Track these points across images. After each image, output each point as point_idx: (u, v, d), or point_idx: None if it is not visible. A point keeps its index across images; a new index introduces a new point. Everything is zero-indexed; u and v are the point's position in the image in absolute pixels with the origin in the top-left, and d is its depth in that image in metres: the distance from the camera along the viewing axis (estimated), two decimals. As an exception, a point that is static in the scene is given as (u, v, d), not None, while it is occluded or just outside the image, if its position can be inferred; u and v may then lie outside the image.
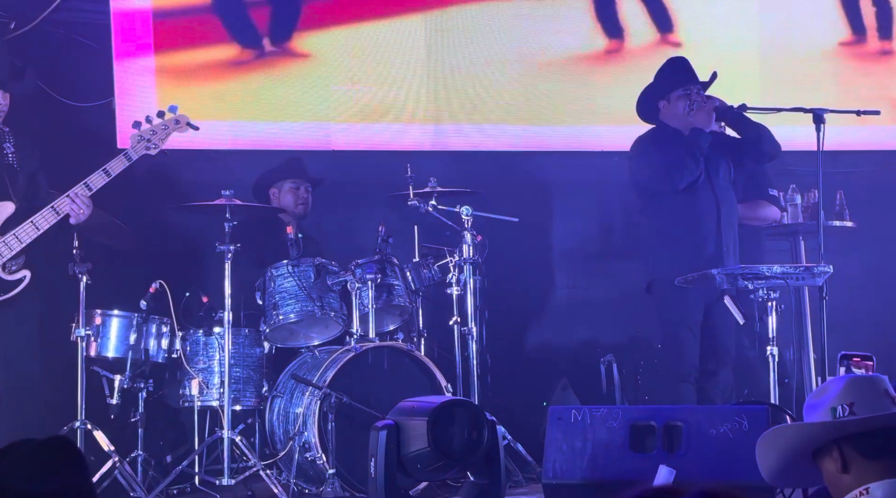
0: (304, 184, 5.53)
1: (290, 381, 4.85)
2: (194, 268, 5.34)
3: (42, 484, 1.46)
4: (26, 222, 4.47)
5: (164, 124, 4.70)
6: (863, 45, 6.52)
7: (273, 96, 5.91)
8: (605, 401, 5.59)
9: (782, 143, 5.22)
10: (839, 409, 1.86)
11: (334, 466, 4.49)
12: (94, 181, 4.52)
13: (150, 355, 4.80)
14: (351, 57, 5.99)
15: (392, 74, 6.04)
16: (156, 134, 4.66)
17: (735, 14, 6.38)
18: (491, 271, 5.31)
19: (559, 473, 4.05)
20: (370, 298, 4.84)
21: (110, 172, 4.54)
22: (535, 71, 6.20)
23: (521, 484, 4.87)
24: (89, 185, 4.51)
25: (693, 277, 4.72)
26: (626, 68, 6.18)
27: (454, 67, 6.11)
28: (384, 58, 6.04)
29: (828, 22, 6.44)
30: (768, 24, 6.44)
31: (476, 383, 4.99)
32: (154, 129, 4.68)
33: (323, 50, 5.97)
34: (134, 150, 4.61)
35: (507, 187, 5.88)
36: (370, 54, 6.02)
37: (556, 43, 6.22)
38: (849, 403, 1.88)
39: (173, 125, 4.72)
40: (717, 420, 3.98)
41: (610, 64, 6.27)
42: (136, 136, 4.65)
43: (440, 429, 3.39)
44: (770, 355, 4.56)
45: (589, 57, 6.27)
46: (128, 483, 4.53)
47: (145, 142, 4.63)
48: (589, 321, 6.09)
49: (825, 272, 4.60)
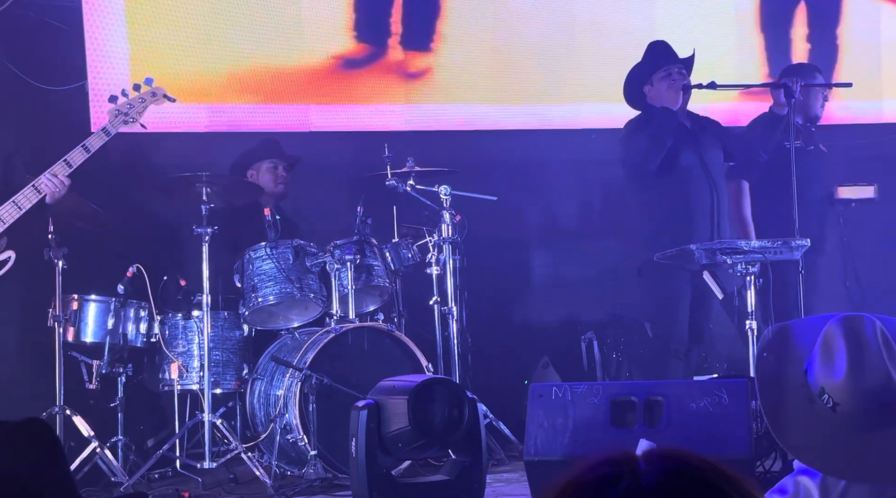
0: (281, 163, 5.50)
1: (270, 363, 4.84)
2: (171, 251, 5.30)
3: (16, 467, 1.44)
4: (7, 203, 4.44)
5: (140, 97, 4.67)
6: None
7: (249, 77, 5.86)
8: (587, 378, 5.60)
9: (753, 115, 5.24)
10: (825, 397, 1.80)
11: (316, 447, 4.49)
12: (73, 158, 4.49)
13: (129, 340, 4.77)
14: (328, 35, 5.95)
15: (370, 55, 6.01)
16: (133, 107, 4.62)
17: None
18: (470, 251, 5.31)
19: (540, 449, 4.05)
20: (349, 278, 4.83)
21: (90, 148, 4.50)
22: (511, 50, 6.18)
23: (504, 462, 4.88)
24: (69, 162, 4.48)
25: (672, 252, 4.73)
26: (604, 45, 6.17)
27: (431, 47, 6.08)
28: (361, 38, 6.01)
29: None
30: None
31: (457, 363, 4.99)
32: (131, 102, 4.64)
33: (300, 29, 5.92)
34: (112, 124, 4.58)
35: (485, 166, 5.87)
36: (346, 33, 5.98)
37: (533, 20, 6.20)
38: (836, 402, 1.80)
39: (150, 98, 4.68)
40: (697, 394, 3.99)
41: (587, 41, 6.25)
42: (114, 110, 4.62)
43: (421, 407, 3.39)
44: (749, 329, 4.58)
45: (566, 34, 6.25)
46: (108, 468, 4.51)
47: (123, 116, 4.60)
48: (569, 299, 6.10)
49: (802, 246, 4.62)
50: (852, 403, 1.78)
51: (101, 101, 4.91)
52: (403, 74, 6.08)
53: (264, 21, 5.85)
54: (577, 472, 0.94)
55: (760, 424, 4.11)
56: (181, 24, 5.70)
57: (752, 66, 6.21)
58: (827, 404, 1.79)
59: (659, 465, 0.94)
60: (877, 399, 1.78)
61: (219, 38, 5.81)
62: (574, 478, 0.94)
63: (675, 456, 0.95)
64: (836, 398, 1.78)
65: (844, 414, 1.78)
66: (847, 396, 1.78)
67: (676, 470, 0.94)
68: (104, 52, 5.56)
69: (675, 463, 0.94)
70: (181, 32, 5.69)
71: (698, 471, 0.93)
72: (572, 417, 4.06)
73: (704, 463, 0.95)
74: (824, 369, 1.80)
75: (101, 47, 5.56)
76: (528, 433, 4.10)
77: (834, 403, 1.79)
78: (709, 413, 3.93)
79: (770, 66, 6.22)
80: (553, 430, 4.06)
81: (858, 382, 1.77)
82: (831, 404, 1.79)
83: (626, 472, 0.94)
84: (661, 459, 0.95)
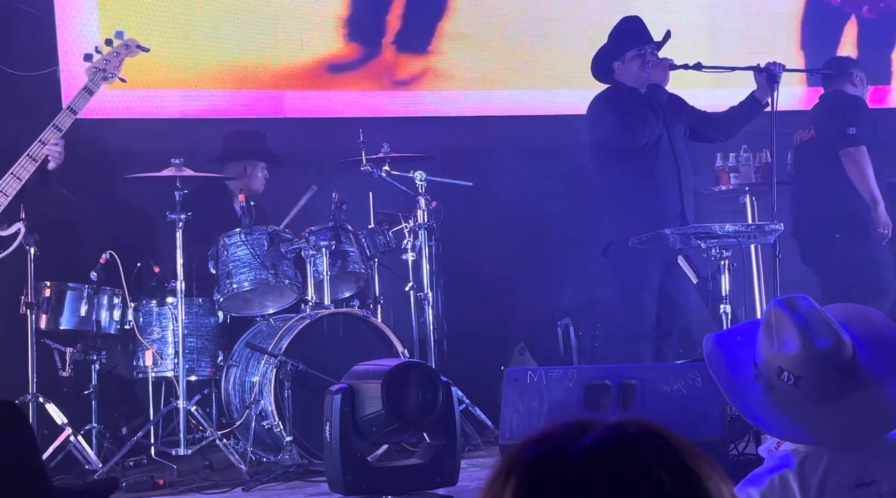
0: (264, 165, 5.53)
1: (245, 349, 4.82)
2: (145, 238, 5.27)
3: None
4: (6, 175, 4.40)
5: (115, 51, 4.64)
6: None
7: (223, 63, 5.83)
8: (563, 364, 5.61)
9: (731, 103, 5.25)
10: (785, 375, 1.81)
11: (291, 433, 4.48)
12: (62, 122, 4.46)
13: (103, 327, 4.75)
14: (302, 22, 5.92)
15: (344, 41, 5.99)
16: (110, 62, 4.59)
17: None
18: (446, 236, 5.30)
19: (515, 433, 4.06)
20: (325, 265, 4.81)
21: (76, 110, 4.48)
22: (487, 36, 6.17)
23: (480, 447, 4.89)
24: (58, 126, 4.45)
25: (647, 237, 4.73)
26: (580, 32, 6.16)
27: (406, 33, 6.07)
28: (336, 24, 5.98)
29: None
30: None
31: (433, 349, 4.99)
32: (107, 57, 4.61)
33: (274, 15, 5.89)
34: (93, 82, 4.55)
35: (460, 152, 5.86)
36: (321, 20, 5.96)
37: (510, 7, 6.19)
38: (796, 376, 1.80)
39: (124, 51, 4.65)
40: (671, 377, 4.01)
41: (563, 27, 6.25)
42: (91, 68, 4.58)
43: (395, 391, 3.38)
44: (723, 314, 4.60)
45: (542, 20, 6.25)
46: (82, 456, 4.48)
47: (101, 72, 4.57)
48: (545, 285, 6.10)
49: (776, 230, 4.63)
50: (813, 370, 1.79)
51: (73, 88, 4.86)
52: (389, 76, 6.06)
53: (241, 6, 5.82)
54: (541, 429, 0.94)
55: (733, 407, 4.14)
56: (154, 10, 5.65)
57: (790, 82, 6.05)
58: (788, 382, 1.80)
59: (626, 428, 0.94)
60: (833, 360, 1.80)
61: (192, 24, 5.77)
62: (537, 432, 0.94)
63: (644, 424, 0.95)
64: (796, 371, 1.79)
65: (806, 385, 1.80)
66: (805, 364, 1.79)
67: (646, 434, 0.93)
68: (75, 37, 5.51)
69: (645, 428, 0.94)
70: (154, 18, 5.64)
71: (667, 440, 0.93)
72: (547, 401, 4.07)
73: (675, 436, 0.95)
74: (775, 349, 1.82)
75: (72, 33, 5.51)
76: (504, 417, 4.11)
77: (795, 378, 1.80)
78: (682, 396, 3.95)
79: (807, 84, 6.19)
80: (528, 413, 4.07)
81: (813, 348, 1.79)
82: (792, 380, 1.80)
83: (590, 430, 0.93)
84: (631, 424, 0.94)
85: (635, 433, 0.92)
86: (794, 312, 1.81)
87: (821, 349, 1.79)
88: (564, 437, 0.92)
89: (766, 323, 1.84)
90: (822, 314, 1.83)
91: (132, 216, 5.38)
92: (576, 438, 0.92)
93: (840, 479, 1.78)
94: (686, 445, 0.94)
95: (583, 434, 0.92)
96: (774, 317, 1.82)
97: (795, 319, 1.80)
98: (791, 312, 1.81)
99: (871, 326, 1.89)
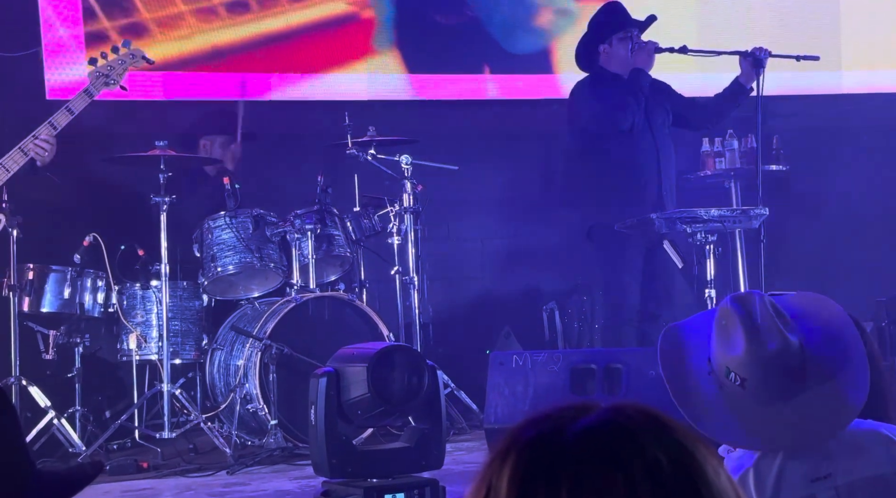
0: (235, 138, 5.48)
1: (230, 333, 4.81)
2: (129, 221, 5.24)
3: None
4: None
5: (120, 59, 4.65)
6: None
7: (210, 45, 5.79)
8: (549, 348, 5.62)
9: (718, 87, 5.25)
10: (732, 376, 1.78)
11: (276, 416, 4.47)
12: (58, 120, 4.47)
13: (86, 310, 4.72)
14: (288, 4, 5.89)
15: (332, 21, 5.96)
16: (114, 69, 4.61)
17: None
18: (431, 220, 5.29)
19: (500, 417, 4.07)
20: (310, 248, 4.80)
21: (73, 110, 4.49)
22: (474, 19, 6.15)
23: (466, 431, 4.90)
24: (54, 124, 4.45)
25: (632, 221, 4.74)
26: (564, 16, 6.15)
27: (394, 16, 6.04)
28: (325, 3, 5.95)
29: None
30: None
31: (419, 333, 4.98)
32: (111, 64, 4.64)
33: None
34: (94, 86, 4.58)
35: (446, 136, 5.84)
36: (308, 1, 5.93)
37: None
38: (742, 378, 1.77)
39: (129, 60, 4.68)
40: (656, 362, 4.01)
41: (549, 12, 6.23)
42: (95, 72, 4.61)
43: (380, 374, 3.37)
44: (708, 298, 4.62)
45: (528, 6, 6.23)
46: (65, 439, 4.47)
47: (104, 77, 4.59)
48: (530, 269, 6.11)
49: (761, 215, 4.65)
50: (757, 373, 1.76)
51: (55, 68, 4.83)
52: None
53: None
54: (539, 410, 0.94)
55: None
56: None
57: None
58: (735, 383, 1.77)
59: (624, 410, 0.94)
60: (779, 363, 1.76)
61: (177, 4, 5.73)
62: (536, 413, 0.94)
63: (642, 408, 0.95)
64: (742, 373, 1.76)
65: (752, 387, 1.76)
66: (750, 367, 1.75)
67: (643, 417, 0.93)
68: (57, 17, 5.46)
69: (643, 411, 0.94)
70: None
71: (665, 423, 0.93)
72: (532, 385, 4.08)
73: (672, 419, 0.95)
74: (724, 348, 1.79)
75: (54, 13, 5.46)
76: (489, 401, 4.12)
77: (741, 380, 1.76)
78: (667, 380, 3.96)
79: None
80: (513, 397, 4.08)
81: (758, 351, 1.74)
82: (739, 381, 1.76)
83: (588, 412, 0.93)
84: (629, 407, 0.94)
85: (633, 415, 0.93)
86: (743, 311, 1.77)
87: (767, 351, 1.75)
88: (562, 418, 0.93)
89: (717, 320, 1.81)
90: (773, 313, 1.78)
91: (116, 198, 5.35)
92: (574, 419, 0.92)
93: (795, 475, 1.77)
94: (683, 428, 0.94)
95: (581, 415, 0.93)
96: (725, 315, 1.79)
97: (744, 318, 1.76)
98: (740, 311, 1.77)
99: (829, 316, 1.86)
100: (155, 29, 5.65)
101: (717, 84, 5.27)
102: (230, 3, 5.81)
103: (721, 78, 5.28)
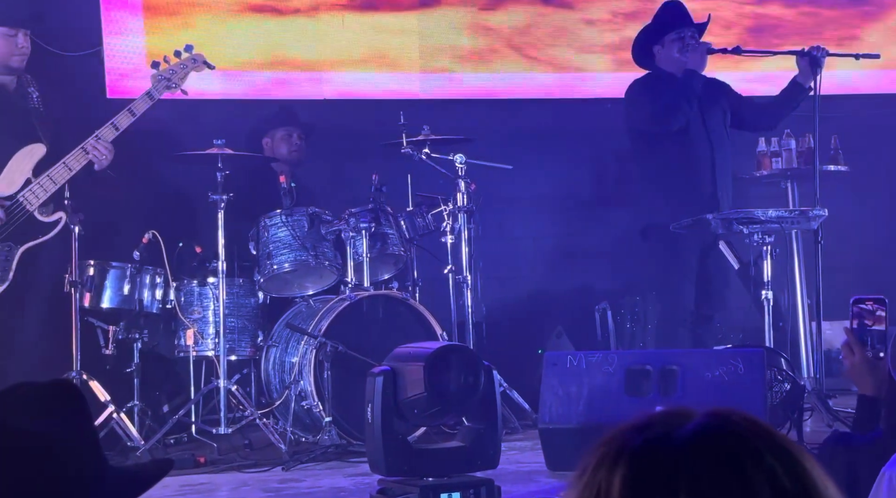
0: (296, 131, 5.51)
1: (285, 330, 4.85)
2: (187, 218, 5.30)
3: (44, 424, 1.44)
4: (59, 163, 4.51)
5: (182, 64, 4.74)
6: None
7: (265, 44, 5.84)
8: (600, 349, 5.60)
9: (775, 88, 5.20)
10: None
11: (331, 413, 4.51)
12: (120, 121, 4.57)
13: (145, 306, 4.79)
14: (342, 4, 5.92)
15: (385, 21, 5.98)
16: (175, 73, 4.69)
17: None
18: (485, 219, 5.29)
19: (555, 417, 4.07)
20: (364, 247, 4.82)
21: (135, 112, 4.61)
22: (528, 17, 6.14)
23: (518, 431, 4.90)
24: (116, 125, 4.57)
25: (688, 222, 4.71)
26: (621, 14, 6.12)
27: (446, 14, 6.05)
28: (377, 4, 5.98)
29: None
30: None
31: (471, 332, 4.99)
32: (173, 68, 4.72)
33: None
34: (156, 89, 4.67)
35: (500, 135, 5.84)
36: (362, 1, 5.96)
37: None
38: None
39: (191, 64, 4.76)
40: (713, 363, 3.99)
41: (603, 10, 6.21)
42: (157, 75, 4.70)
43: (437, 374, 3.38)
44: (765, 300, 4.58)
45: (582, 3, 6.21)
46: (124, 433, 4.54)
47: (165, 81, 4.68)
48: (583, 268, 6.09)
49: (820, 216, 4.59)
50: None
51: (116, 66, 4.90)
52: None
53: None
54: (636, 417, 0.95)
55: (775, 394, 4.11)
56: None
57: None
58: None
59: (727, 416, 0.94)
60: None
61: (236, 4, 5.79)
62: (635, 420, 0.95)
63: (742, 414, 0.95)
64: None
65: None
66: None
67: (748, 422, 0.93)
68: (119, 17, 5.54)
69: (744, 417, 0.94)
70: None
71: (769, 429, 0.93)
72: (587, 386, 4.06)
73: (772, 426, 0.95)
74: None
75: (116, 13, 5.54)
76: (543, 401, 4.11)
77: None
78: (724, 382, 3.93)
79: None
80: (568, 398, 4.08)
81: None
82: None
83: (690, 417, 0.93)
84: (729, 413, 0.94)
85: (741, 422, 0.93)
86: None
87: None
88: (667, 424, 0.93)
89: None
90: None
91: (175, 196, 5.42)
92: (679, 425, 0.93)
93: None
94: (784, 435, 0.95)
95: (684, 421, 0.93)
96: None
97: None
98: None
99: None
100: (213, 26, 5.71)
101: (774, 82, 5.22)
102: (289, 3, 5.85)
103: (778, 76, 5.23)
